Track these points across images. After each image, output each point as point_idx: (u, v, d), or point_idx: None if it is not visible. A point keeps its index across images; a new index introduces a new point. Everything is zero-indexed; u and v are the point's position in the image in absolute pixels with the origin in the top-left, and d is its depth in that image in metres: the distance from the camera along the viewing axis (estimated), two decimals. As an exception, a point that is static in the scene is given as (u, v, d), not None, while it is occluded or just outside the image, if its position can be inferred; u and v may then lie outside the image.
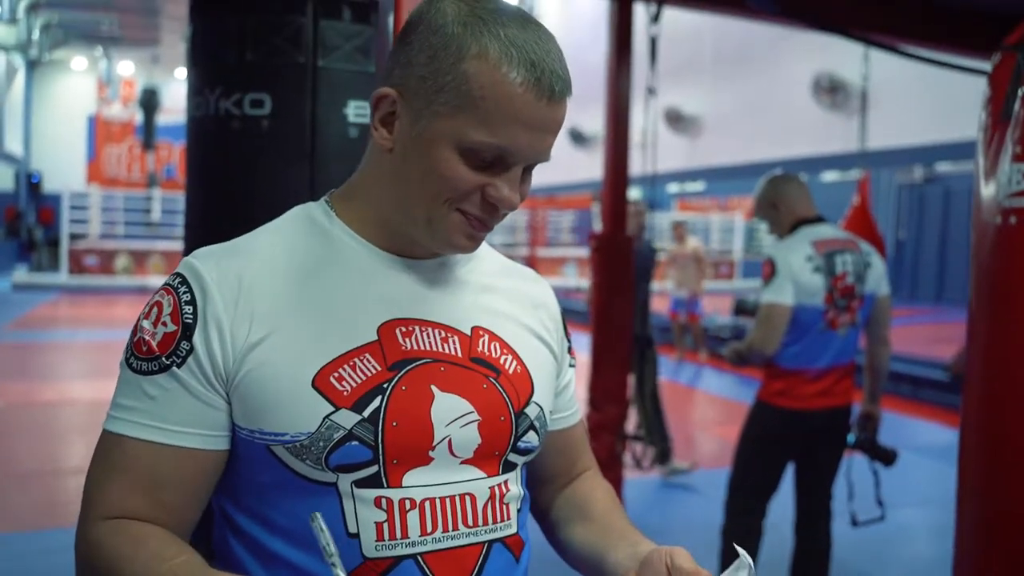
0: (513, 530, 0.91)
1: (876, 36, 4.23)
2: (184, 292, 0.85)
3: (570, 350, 1.05)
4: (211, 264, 0.86)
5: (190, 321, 0.83)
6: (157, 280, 16.64)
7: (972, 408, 1.66)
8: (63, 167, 22.53)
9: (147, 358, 0.83)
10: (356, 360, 0.84)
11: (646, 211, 5.12)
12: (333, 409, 0.81)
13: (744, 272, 21.74)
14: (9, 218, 22.17)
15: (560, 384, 1.02)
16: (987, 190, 1.56)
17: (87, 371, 8.04)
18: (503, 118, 0.79)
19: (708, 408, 7.71)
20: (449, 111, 0.80)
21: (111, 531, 0.82)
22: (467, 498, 0.87)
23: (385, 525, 0.82)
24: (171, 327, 0.83)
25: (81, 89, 23.34)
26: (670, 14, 4.28)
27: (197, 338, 0.82)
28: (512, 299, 0.98)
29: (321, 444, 0.81)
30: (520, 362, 0.93)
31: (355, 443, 0.81)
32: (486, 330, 0.93)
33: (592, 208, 22.85)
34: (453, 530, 0.85)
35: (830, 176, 20.53)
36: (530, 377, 0.94)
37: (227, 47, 1.88)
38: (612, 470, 3.94)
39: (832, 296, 2.86)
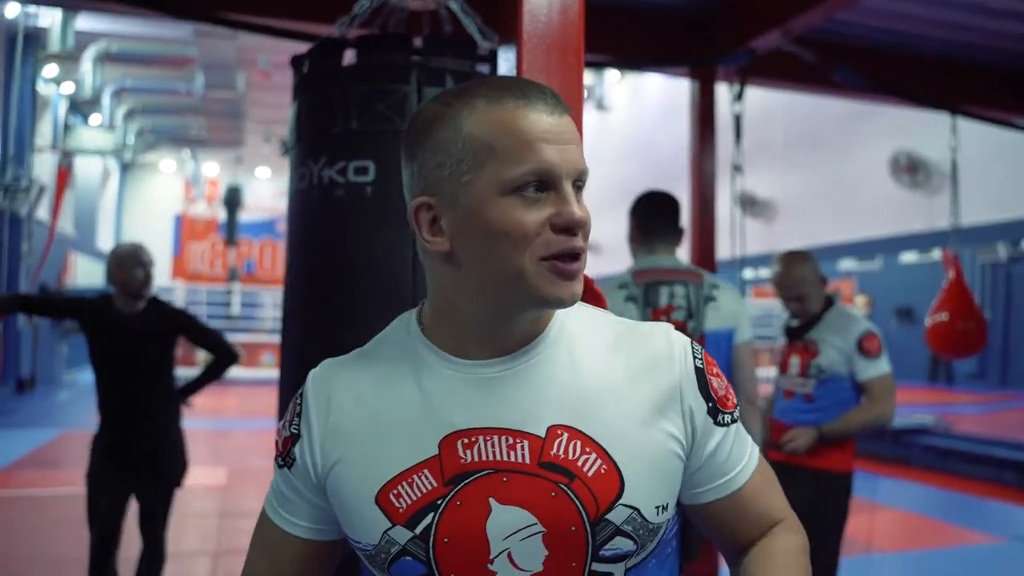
0: None
1: (966, 109, 4.14)
2: (300, 405, 0.95)
3: (721, 402, 0.93)
4: (317, 382, 0.95)
5: (296, 432, 0.94)
6: (236, 371, 16.97)
7: None
8: (150, 263, 23.53)
9: (278, 455, 0.96)
10: (415, 477, 0.86)
11: None
12: (390, 525, 0.86)
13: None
14: (97, 314, 23.06)
15: (704, 453, 0.91)
16: None
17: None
18: (520, 143, 0.82)
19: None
20: (478, 172, 0.83)
21: None
22: None
23: None
24: (286, 432, 0.95)
25: (168, 189, 24.52)
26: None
27: (297, 449, 0.93)
28: (613, 379, 0.89)
29: (383, 556, 0.87)
30: (607, 460, 0.85)
31: (409, 558, 0.85)
32: (567, 428, 0.86)
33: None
34: None
35: (908, 257, 20.03)
36: (620, 476, 0.85)
37: (333, 117, 1.93)
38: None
39: None
